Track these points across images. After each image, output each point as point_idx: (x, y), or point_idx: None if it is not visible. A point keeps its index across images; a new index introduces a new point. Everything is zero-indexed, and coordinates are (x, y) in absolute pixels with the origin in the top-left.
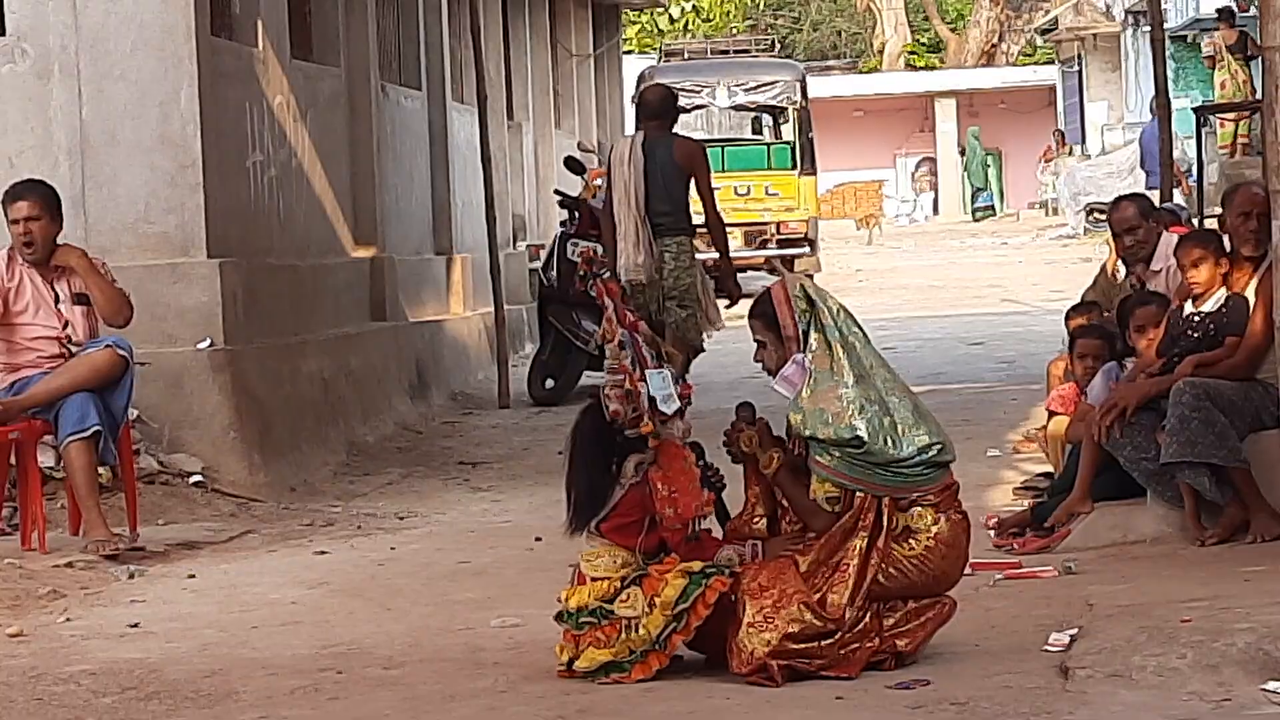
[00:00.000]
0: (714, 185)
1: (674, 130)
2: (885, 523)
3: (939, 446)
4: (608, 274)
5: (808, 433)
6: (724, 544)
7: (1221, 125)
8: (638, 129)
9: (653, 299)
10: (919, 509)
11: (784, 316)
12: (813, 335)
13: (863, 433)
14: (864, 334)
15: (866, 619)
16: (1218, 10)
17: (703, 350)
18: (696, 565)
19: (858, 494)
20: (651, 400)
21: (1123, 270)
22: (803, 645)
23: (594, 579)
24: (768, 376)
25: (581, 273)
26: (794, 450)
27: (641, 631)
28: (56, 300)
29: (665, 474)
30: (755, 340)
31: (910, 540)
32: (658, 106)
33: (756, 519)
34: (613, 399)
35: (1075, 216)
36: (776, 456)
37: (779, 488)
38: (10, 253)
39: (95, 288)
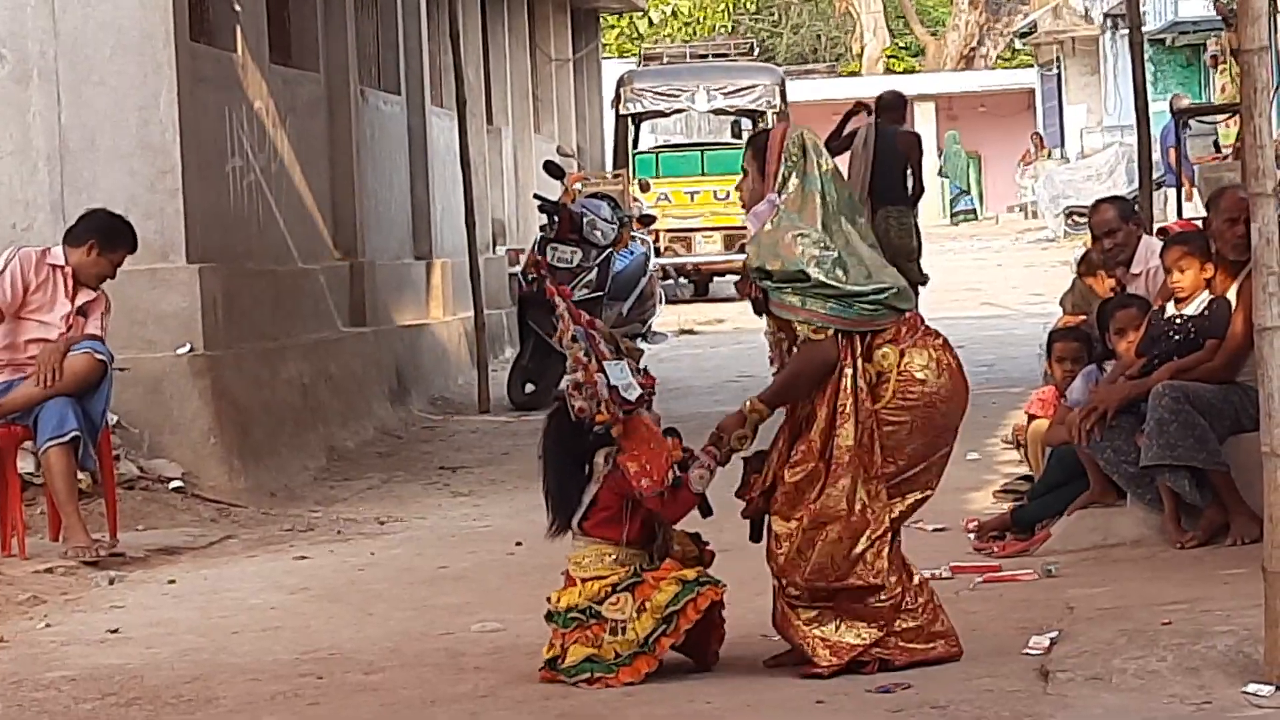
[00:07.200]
0: (695, 189)
1: (897, 123)
2: (858, 363)
3: (894, 291)
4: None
5: (757, 263)
6: (689, 473)
7: (1226, 125)
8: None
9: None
10: (881, 350)
11: (772, 154)
12: (792, 180)
13: (810, 270)
14: (850, 200)
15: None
16: (1224, 15)
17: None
18: (690, 574)
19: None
20: (614, 389)
21: None
22: (833, 570)
23: (584, 580)
24: (740, 210)
25: (530, 276)
26: (752, 295)
27: (629, 634)
28: (68, 309)
29: (631, 452)
30: (741, 168)
31: (884, 386)
32: (885, 105)
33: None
34: (576, 396)
35: (1054, 220)
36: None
37: (784, 399)
38: (41, 254)
39: None
